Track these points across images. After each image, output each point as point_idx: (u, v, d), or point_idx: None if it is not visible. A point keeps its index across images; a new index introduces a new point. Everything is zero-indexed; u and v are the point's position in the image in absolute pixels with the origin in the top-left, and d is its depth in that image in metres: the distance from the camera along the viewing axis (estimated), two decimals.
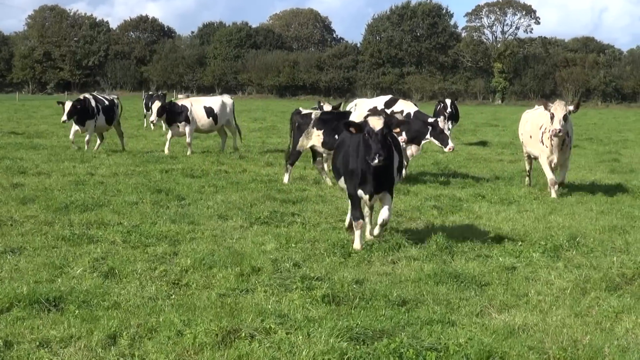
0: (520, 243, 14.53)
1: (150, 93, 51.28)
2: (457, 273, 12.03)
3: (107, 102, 31.78)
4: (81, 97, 31.56)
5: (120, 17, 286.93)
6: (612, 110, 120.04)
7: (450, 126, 37.26)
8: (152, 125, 43.43)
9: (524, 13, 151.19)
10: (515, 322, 9.87)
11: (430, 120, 23.27)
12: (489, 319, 10.02)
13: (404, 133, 21.68)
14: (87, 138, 30.77)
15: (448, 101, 39.00)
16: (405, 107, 23.89)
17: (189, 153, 30.23)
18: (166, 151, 30.32)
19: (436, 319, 9.77)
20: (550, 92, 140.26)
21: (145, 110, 49.55)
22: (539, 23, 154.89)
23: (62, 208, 16.93)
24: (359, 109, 23.87)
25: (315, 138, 22.38)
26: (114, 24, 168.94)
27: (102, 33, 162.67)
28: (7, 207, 17.04)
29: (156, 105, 30.97)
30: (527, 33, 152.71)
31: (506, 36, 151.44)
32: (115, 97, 34.37)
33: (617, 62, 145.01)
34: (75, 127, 30.94)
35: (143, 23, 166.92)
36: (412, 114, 23.23)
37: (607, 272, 12.33)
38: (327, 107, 27.65)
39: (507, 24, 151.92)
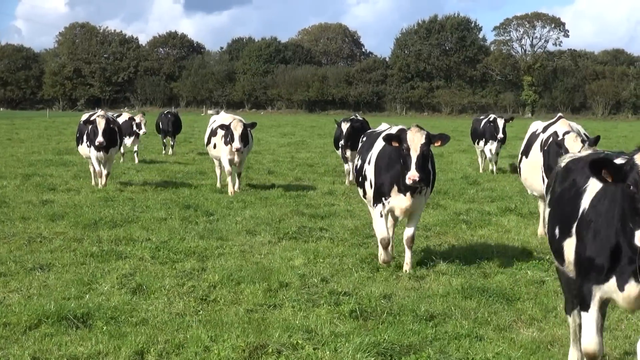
0: (549, 256, 14.46)
1: (166, 112, 40.74)
2: (486, 287, 12.01)
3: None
4: (101, 112, 24.37)
5: (153, 33, 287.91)
6: None
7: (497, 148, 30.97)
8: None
9: (552, 26, 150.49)
10: (544, 336, 9.83)
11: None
12: (517, 334, 9.99)
13: None
14: (106, 171, 23.91)
15: (500, 122, 30.73)
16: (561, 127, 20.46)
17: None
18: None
19: (464, 334, 9.76)
20: (580, 104, 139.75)
21: (157, 131, 40.78)
22: (567, 36, 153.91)
23: (91, 224, 17.05)
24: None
25: None
26: (146, 41, 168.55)
27: (132, 49, 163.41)
28: (36, 224, 17.16)
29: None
30: (556, 46, 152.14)
31: (535, 49, 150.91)
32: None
33: None
34: (95, 154, 23.60)
35: (172, 39, 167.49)
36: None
37: None
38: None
39: (536, 37, 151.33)
